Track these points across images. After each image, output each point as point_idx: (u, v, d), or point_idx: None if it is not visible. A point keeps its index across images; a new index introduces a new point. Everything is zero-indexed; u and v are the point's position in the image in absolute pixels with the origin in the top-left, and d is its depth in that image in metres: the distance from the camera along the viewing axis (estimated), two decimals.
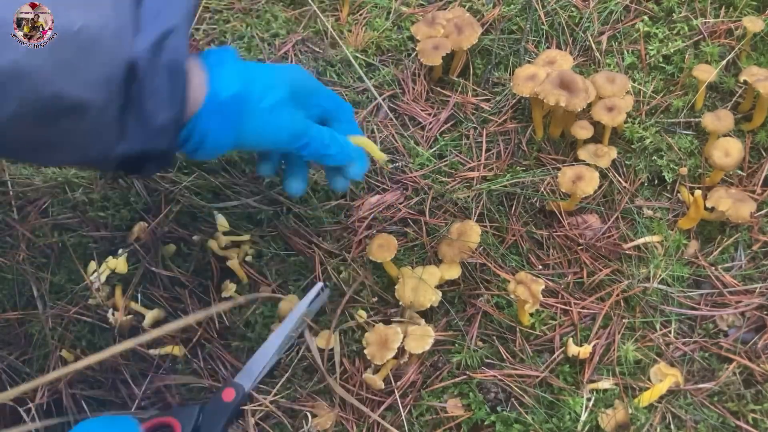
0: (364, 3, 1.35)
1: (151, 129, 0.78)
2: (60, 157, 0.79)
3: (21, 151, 0.78)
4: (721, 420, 0.97)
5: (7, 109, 0.70)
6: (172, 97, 0.78)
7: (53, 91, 0.70)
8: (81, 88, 0.72)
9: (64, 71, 0.71)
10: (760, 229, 1.10)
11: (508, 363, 1.02)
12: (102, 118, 0.75)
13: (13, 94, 0.69)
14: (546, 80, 1.11)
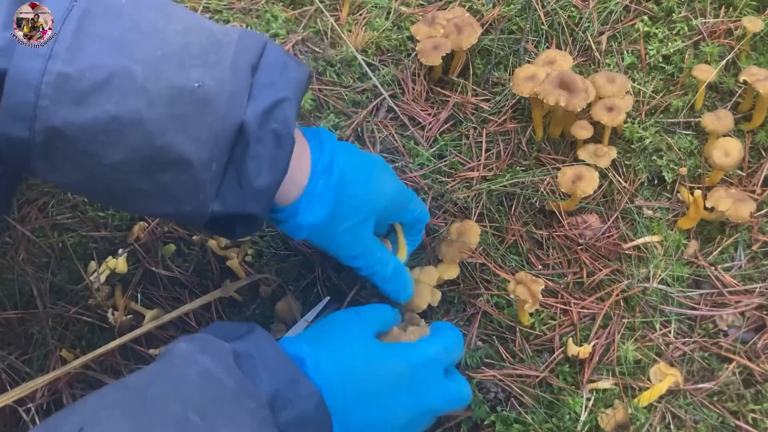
0: (364, 3, 1.35)
1: (247, 192, 0.80)
2: (155, 208, 0.81)
3: (119, 198, 0.81)
4: (720, 420, 0.97)
5: (119, 155, 0.73)
6: (273, 164, 0.80)
7: (163, 143, 0.74)
8: (189, 143, 0.75)
9: (177, 125, 0.74)
10: (760, 229, 1.10)
11: (508, 363, 1.02)
12: (203, 174, 0.77)
13: (128, 140, 0.73)
14: (546, 80, 1.11)
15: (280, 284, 1.10)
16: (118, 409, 0.67)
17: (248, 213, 0.82)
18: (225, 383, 0.71)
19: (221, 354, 0.74)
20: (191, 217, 0.82)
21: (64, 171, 0.75)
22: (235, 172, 0.80)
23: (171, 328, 1.08)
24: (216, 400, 0.70)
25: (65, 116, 0.71)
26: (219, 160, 0.78)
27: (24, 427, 1.01)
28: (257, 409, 0.72)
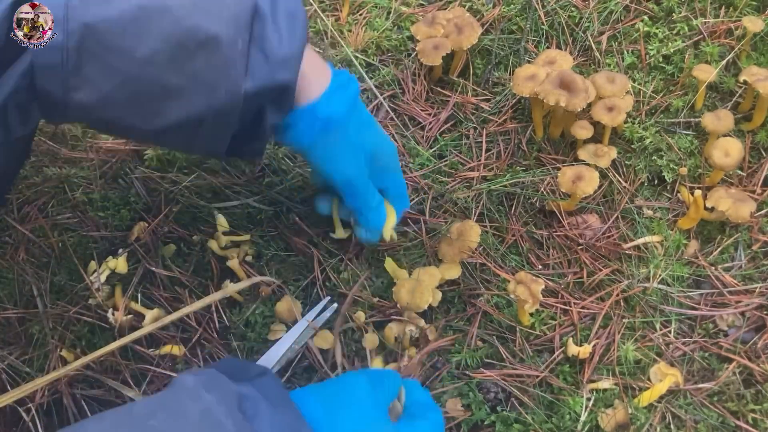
0: (364, 3, 1.35)
1: (274, 61, 0.85)
2: (187, 107, 0.83)
3: (150, 106, 0.83)
4: (720, 420, 0.97)
5: (150, 45, 0.78)
6: (292, 34, 0.86)
7: (191, 25, 0.79)
8: (215, 23, 0.80)
9: (200, 9, 0.80)
10: (760, 229, 1.10)
11: (508, 363, 1.02)
12: (231, 52, 0.82)
13: (157, 27, 0.78)
14: (546, 80, 1.11)
15: (280, 284, 1.10)
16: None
17: (279, 83, 0.86)
18: (224, 426, 0.70)
19: (226, 394, 0.73)
20: (224, 112, 0.85)
21: (97, 81, 0.78)
22: (259, 49, 0.85)
23: (172, 328, 1.09)
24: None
25: (95, 12, 0.76)
26: (243, 38, 0.83)
27: (24, 427, 1.01)
28: None
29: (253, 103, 0.87)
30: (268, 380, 0.81)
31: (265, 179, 1.18)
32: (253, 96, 0.85)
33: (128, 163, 1.21)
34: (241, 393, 0.75)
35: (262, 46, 0.85)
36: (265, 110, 0.89)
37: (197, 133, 0.87)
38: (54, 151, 1.23)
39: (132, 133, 0.89)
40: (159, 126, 0.84)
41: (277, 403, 0.77)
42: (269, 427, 0.74)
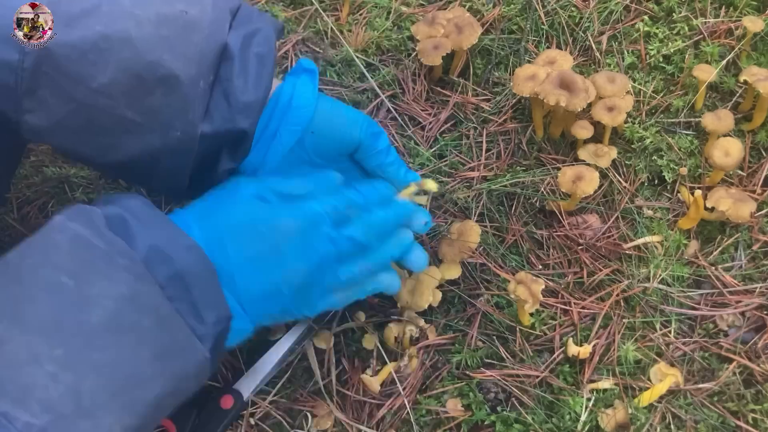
0: (364, 3, 1.35)
1: (235, 107, 0.83)
2: (141, 143, 0.82)
3: (103, 136, 0.81)
4: (721, 420, 0.97)
5: (108, 75, 0.76)
6: (258, 79, 0.84)
7: (152, 59, 0.77)
8: (177, 60, 0.79)
9: (164, 44, 0.78)
10: (760, 229, 1.10)
11: (508, 363, 1.02)
12: (191, 91, 0.80)
13: (117, 57, 0.76)
14: (546, 80, 1.11)
15: None
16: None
17: (238, 129, 0.84)
18: (95, 245, 0.70)
19: (91, 218, 0.72)
20: (180, 151, 0.82)
21: (50, 106, 0.77)
22: (221, 92, 0.83)
23: None
24: (87, 262, 0.69)
25: (56, 36, 0.74)
26: (206, 79, 0.81)
27: None
28: (131, 266, 0.70)
29: (209, 146, 0.85)
30: (131, 199, 0.78)
31: None
32: (209, 139, 0.84)
33: None
34: (107, 214, 0.73)
35: (226, 89, 0.83)
36: (221, 154, 0.87)
37: (153, 170, 0.85)
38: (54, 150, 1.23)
39: (91, 165, 0.87)
40: (114, 160, 0.83)
41: (144, 216, 0.76)
42: (141, 238, 0.72)
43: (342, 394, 1.03)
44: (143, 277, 0.70)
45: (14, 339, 0.64)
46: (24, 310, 0.66)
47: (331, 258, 0.85)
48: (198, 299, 0.73)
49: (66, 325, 0.66)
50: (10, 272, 0.69)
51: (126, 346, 0.67)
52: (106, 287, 0.68)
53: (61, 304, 0.67)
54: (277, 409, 1.02)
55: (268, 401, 1.02)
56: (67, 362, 0.64)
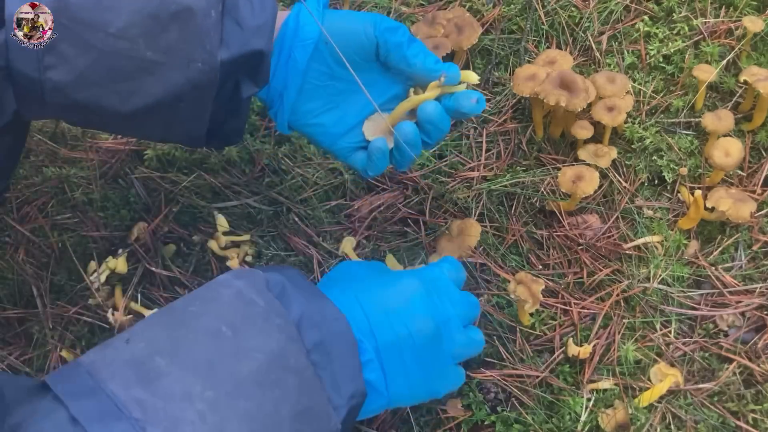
0: (364, 3, 1.35)
1: (248, 30, 0.85)
2: (162, 83, 0.83)
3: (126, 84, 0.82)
4: (721, 420, 0.97)
5: (123, 16, 0.78)
6: (262, 4, 0.86)
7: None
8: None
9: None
10: (761, 229, 1.10)
11: (508, 363, 1.02)
12: (205, 22, 0.82)
13: (129, 0, 0.78)
14: (546, 80, 1.11)
15: None
16: (159, 325, 0.74)
17: (255, 50, 0.86)
18: (256, 302, 0.75)
19: (255, 279, 0.77)
20: (202, 84, 0.84)
21: (71, 58, 0.78)
22: (232, 19, 0.85)
23: None
24: (247, 317, 0.73)
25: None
26: (216, 8, 0.83)
27: None
28: (284, 326, 0.74)
29: (229, 75, 0.87)
30: (291, 268, 0.84)
31: (265, 179, 1.18)
32: (229, 66, 0.85)
33: (128, 163, 1.21)
34: (268, 278, 0.78)
35: (235, 16, 0.85)
36: (241, 82, 0.89)
37: (175, 112, 0.86)
38: (54, 151, 1.23)
39: (110, 118, 0.86)
40: (137, 105, 0.84)
41: (299, 284, 0.80)
42: (296, 304, 0.77)
43: None
44: (294, 339, 0.74)
45: (172, 374, 0.68)
46: (185, 350, 0.70)
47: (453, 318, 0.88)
48: (338, 369, 0.77)
49: (219, 370, 0.70)
50: (176, 316, 0.75)
51: (270, 400, 0.70)
52: (260, 342, 0.72)
53: (218, 350, 0.71)
54: None
55: None
56: (216, 405, 0.67)
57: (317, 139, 0.96)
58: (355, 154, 0.96)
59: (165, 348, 0.70)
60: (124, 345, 0.71)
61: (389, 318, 0.84)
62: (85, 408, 0.65)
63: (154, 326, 0.74)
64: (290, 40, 0.91)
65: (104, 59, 0.79)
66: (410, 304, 0.85)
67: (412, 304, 0.85)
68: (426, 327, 0.85)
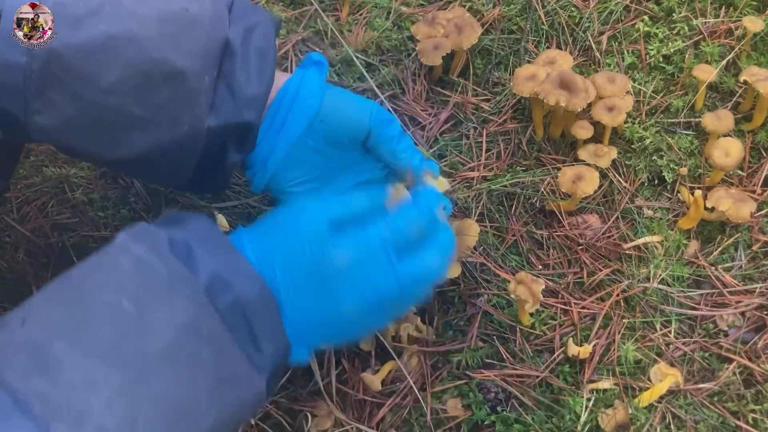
0: (364, 3, 1.35)
1: (240, 100, 0.85)
2: (149, 139, 0.83)
3: (111, 134, 0.82)
4: (721, 420, 0.97)
5: (115, 74, 0.78)
6: (261, 73, 0.86)
7: (158, 57, 0.79)
8: (182, 57, 0.80)
9: (169, 42, 0.80)
10: (761, 229, 1.10)
11: (508, 363, 1.02)
12: (197, 86, 0.82)
13: (123, 56, 0.77)
14: (546, 80, 1.11)
15: None
16: (55, 301, 0.68)
17: (244, 121, 0.85)
18: (158, 270, 0.69)
19: (156, 242, 0.71)
20: (187, 144, 0.83)
21: (58, 106, 0.78)
22: (226, 86, 0.84)
23: None
24: (150, 288, 0.68)
25: (62, 38, 0.75)
26: (210, 74, 0.83)
27: None
28: (192, 295, 0.69)
29: (216, 139, 0.86)
30: (198, 221, 0.77)
31: None
32: (216, 132, 0.85)
33: None
34: (171, 238, 0.72)
35: (230, 83, 0.85)
36: (228, 147, 0.88)
37: (159, 164, 0.86)
38: (53, 151, 1.23)
39: (94, 161, 0.88)
40: (121, 156, 0.84)
41: (208, 242, 0.74)
42: (204, 266, 0.71)
43: (342, 394, 1.03)
44: (204, 306, 0.69)
45: (73, 360, 0.63)
46: (84, 332, 0.65)
47: (393, 295, 0.79)
48: (257, 330, 0.72)
49: (125, 351, 0.65)
50: (72, 290, 0.69)
51: (184, 376, 0.66)
52: (167, 315, 0.67)
53: (122, 329, 0.66)
54: (277, 409, 1.02)
55: (268, 401, 1.01)
56: (124, 389, 0.63)
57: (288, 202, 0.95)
58: None
59: (63, 330, 0.65)
60: (20, 327, 0.66)
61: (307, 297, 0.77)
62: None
63: (50, 302, 0.68)
64: (287, 107, 0.91)
65: (92, 111, 0.79)
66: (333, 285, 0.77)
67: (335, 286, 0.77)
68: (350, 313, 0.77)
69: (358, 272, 0.77)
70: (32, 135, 0.81)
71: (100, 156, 0.85)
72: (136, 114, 0.80)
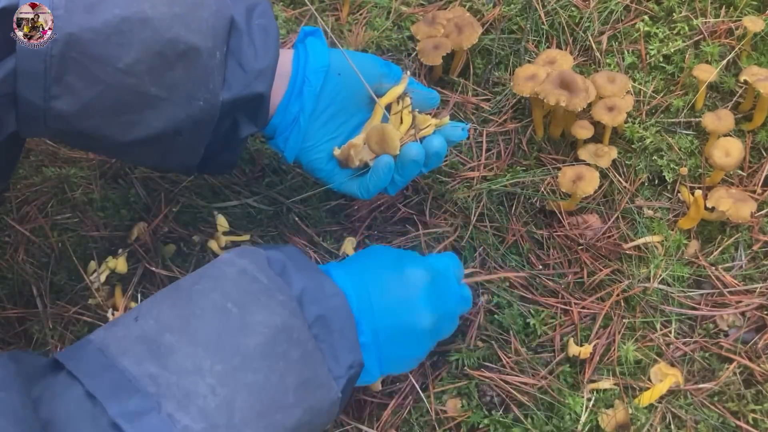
0: (364, 3, 1.35)
1: (251, 73, 0.89)
2: (166, 116, 0.86)
3: (128, 115, 0.85)
4: (721, 420, 0.97)
5: (132, 54, 0.80)
6: (266, 47, 0.90)
7: (171, 36, 0.82)
8: (194, 35, 0.83)
9: (180, 21, 0.83)
10: (761, 229, 1.10)
11: (508, 364, 1.02)
12: (210, 63, 0.85)
13: (139, 37, 0.80)
14: (546, 80, 1.11)
15: None
16: (166, 302, 0.77)
17: (255, 93, 0.90)
18: (259, 279, 0.78)
19: (257, 257, 0.81)
20: (201, 120, 0.87)
21: (77, 90, 0.80)
22: (236, 61, 0.89)
23: None
24: (250, 293, 0.77)
25: (79, 22, 0.77)
26: (221, 50, 0.87)
27: None
28: (287, 301, 0.78)
29: (228, 114, 0.90)
30: (291, 247, 0.88)
31: (265, 179, 1.18)
32: (229, 106, 0.89)
33: (128, 163, 1.21)
34: (269, 256, 0.82)
35: (239, 58, 0.89)
36: (239, 122, 0.93)
37: (173, 144, 0.89)
38: (53, 150, 1.23)
39: (108, 146, 0.89)
40: (137, 137, 0.86)
41: (300, 262, 0.84)
42: (296, 280, 0.81)
43: None
44: (296, 313, 0.78)
45: (183, 350, 0.71)
46: (193, 326, 0.74)
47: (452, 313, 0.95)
48: (337, 342, 0.81)
49: (227, 345, 0.73)
50: (182, 294, 0.78)
51: (275, 372, 0.74)
52: (264, 317, 0.76)
53: (225, 326, 0.74)
54: None
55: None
56: (225, 378, 0.71)
57: (318, 166, 1.01)
58: (351, 182, 1.01)
59: (174, 325, 0.73)
60: (133, 322, 0.74)
61: (393, 305, 0.88)
62: (100, 384, 0.68)
63: (161, 304, 0.77)
64: (303, 68, 0.96)
65: (110, 92, 0.81)
66: (416, 295, 0.89)
67: (417, 296, 0.89)
68: (427, 322, 0.89)
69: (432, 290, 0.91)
70: (50, 123, 0.82)
71: (116, 138, 0.87)
72: (152, 93, 0.83)
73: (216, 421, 0.69)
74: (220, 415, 0.69)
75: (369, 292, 0.87)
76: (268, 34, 0.91)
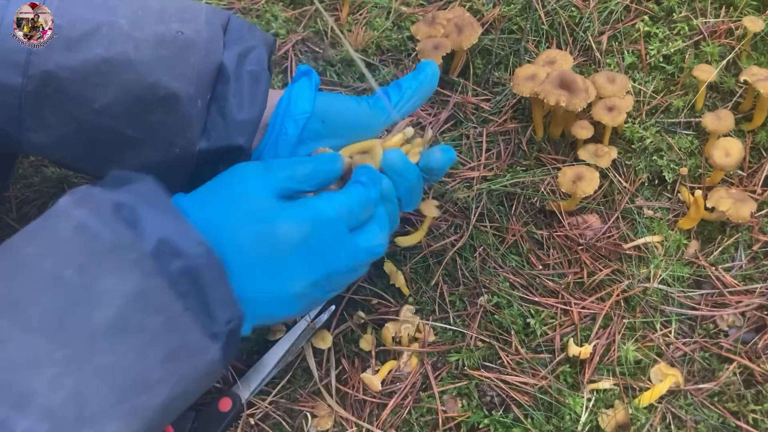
0: (364, 3, 1.35)
1: (231, 125, 0.85)
2: (141, 158, 0.83)
3: (103, 152, 0.83)
4: (721, 420, 0.97)
5: (110, 96, 0.78)
6: (253, 98, 0.86)
7: (152, 81, 0.79)
8: (176, 81, 0.80)
9: (163, 65, 0.80)
10: (761, 229, 1.10)
11: (507, 364, 1.02)
12: (190, 110, 0.82)
13: (118, 79, 0.78)
14: (546, 80, 1.11)
15: None
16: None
17: (234, 145, 0.86)
18: (102, 236, 0.65)
19: (99, 206, 0.68)
20: (178, 164, 0.84)
21: (52, 125, 0.78)
22: (218, 110, 0.85)
23: None
24: (93, 254, 0.65)
25: (58, 60, 0.76)
26: (203, 97, 0.83)
27: None
28: (139, 260, 0.66)
29: (208, 161, 0.87)
30: (143, 184, 0.73)
31: None
32: (207, 155, 0.86)
33: None
34: (116, 201, 0.69)
35: (222, 107, 0.85)
36: (220, 167, 0.86)
37: None
38: None
39: (85, 174, 0.89)
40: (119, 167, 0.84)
41: (154, 205, 0.71)
42: (151, 230, 0.68)
43: (342, 394, 1.03)
44: (152, 274, 0.66)
45: (14, 338, 0.61)
46: (26, 306, 0.62)
47: (343, 270, 0.81)
48: (210, 297, 0.69)
49: (69, 325, 0.62)
50: (12, 260, 0.66)
51: (132, 349, 0.64)
52: (112, 284, 0.64)
53: (65, 301, 0.63)
54: (277, 409, 1.02)
55: (267, 402, 1.01)
56: (70, 366, 0.61)
57: None
58: None
59: (3, 304, 0.62)
60: None
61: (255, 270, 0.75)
62: None
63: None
64: (282, 117, 0.91)
65: (85, 130, 0.80)
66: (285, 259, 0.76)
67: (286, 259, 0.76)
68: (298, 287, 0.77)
69: (309, 246, 0.76)
70: (25, 150, 0.82)
71: (92, 172, 0.86)
72: (128, 134, 0.81)
73: (64, 417, 0.59)
74: (67, 410, 0.59)
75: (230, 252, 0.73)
76: (258, 83, 0.87)
